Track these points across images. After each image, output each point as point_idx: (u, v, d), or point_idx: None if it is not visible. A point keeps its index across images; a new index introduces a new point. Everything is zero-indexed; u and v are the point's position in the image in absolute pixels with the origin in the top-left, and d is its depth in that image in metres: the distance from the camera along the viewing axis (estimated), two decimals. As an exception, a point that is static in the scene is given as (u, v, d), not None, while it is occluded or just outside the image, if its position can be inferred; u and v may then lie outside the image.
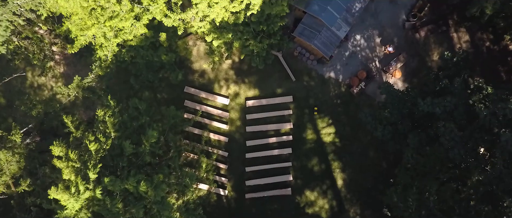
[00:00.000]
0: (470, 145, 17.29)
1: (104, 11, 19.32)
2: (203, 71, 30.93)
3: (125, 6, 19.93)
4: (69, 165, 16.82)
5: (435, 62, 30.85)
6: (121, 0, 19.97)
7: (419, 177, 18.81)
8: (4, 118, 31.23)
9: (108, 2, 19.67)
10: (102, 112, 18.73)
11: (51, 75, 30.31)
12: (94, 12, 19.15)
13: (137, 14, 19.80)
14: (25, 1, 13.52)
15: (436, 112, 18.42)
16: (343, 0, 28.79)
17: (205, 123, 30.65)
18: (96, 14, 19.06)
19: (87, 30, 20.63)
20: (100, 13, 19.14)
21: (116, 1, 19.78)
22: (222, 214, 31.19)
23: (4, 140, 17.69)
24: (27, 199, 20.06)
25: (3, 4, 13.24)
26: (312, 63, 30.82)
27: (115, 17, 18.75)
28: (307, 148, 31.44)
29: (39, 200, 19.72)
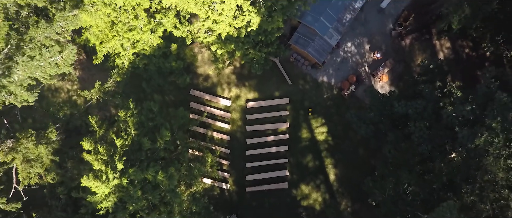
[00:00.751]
0: (436, 141, 20.88)
1: (123, 25, 22.90)
2: (207, 76, 34.55)
3: (142, 20, 23.55)
4: (98, 158, 20.39)
5: (419, 67, 34.48)
6: (139, 15, 23.60)
7: (395, 169, 22.43)
8: (24, 118, 34.80)
9: (127, 18, 23.29)
10: (123, 113, 22.31)
11: (67, 79, 33.98)
12: (115, 26, 22.71)
13: (153, 27, 23.38)
14: (66, 23, 16.90)
15: (409, 113, 22.04)
16: (334, 11, 32.42)
17: (209, 122, 34.26)
18: (117, 28, 22.64)
19: (108, 42, 24.24)
20: (120, 27, 22.71)
21: (134, 17, 23.40)
22: (224, 206, 34.77)
23: (41, 136, 21.21)
24: (58, 189, 23.61)
25: (48, 26, 16.53)
26: (306, 68, 34.45)
27: (133, 30, 22.30)
28: (302, 145, 35.05)
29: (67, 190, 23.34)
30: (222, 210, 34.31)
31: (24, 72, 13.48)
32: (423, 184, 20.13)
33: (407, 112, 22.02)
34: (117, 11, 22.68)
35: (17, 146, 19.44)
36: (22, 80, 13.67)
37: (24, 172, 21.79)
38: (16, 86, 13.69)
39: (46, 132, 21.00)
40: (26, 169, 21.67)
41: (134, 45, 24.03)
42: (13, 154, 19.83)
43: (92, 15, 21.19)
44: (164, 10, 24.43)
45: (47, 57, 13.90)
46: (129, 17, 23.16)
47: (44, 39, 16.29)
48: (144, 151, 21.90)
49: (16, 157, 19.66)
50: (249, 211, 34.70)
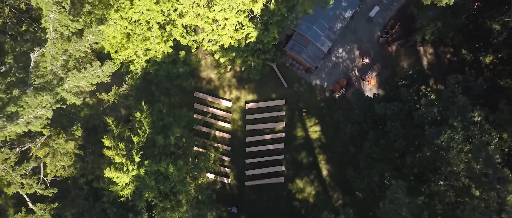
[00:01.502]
0: (409, 138, 24.63)
1: (138, 36, 26.69)
2: (210, 79, 38.38)
3: (154, 32, 27.39)
4: (118, 153, 24.18)
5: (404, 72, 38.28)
6: (152, 27, 27.45)
7: (374, 162, 26.19)
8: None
9: (141, 30, 27.13)
10: (139, 114, 26.11)
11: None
12: (130, 37, 26.50)
13: (165, 38, 27.19)
14: (93, 37, 20.56)
15: (387, 113, 25.82)
16: (326, 20, 36.23)
17: (211, 122, 38.05)
18: (132, 40, 26.43)
19: (124, 50, 28.08)
20: (136, 38, 26.50)
21: (147, 29, 27.25)
22: (225, 199, 38.54)
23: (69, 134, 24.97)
24: (80, 180, 27.44)
25: (79, 40, 20.05)
26: (301, 72, 38.29)
27: (147, 40, 26.07)
28: (297, 143, 38.87)
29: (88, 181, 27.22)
30: (223, 202, 38.04)
31: (73, 82, 17.05)
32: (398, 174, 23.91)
33: (386, 113, 25.83)
34: (132, 24, 26.51)
35: (49, 142, 23.19)
36: (71, 88, 17.29)
37: (52, 165, 25.60)
38: (66, 93, 17.32)
39: (72, 129, 24.75)
40: (54, 162, 25.48)
41: (146, 53, 27.86)
42: (46, 149, 23.59)
43: (111, 28, 24.92)
44: (173, 21, 28.30)
45: (91, 70, 17.47)
46: (143, 29, 27.00)
47: (75, 51, 20.03)
48: (157, 146, 25.74)
49: (49, 152, 23.39)
50: (248, 204, 38.52)
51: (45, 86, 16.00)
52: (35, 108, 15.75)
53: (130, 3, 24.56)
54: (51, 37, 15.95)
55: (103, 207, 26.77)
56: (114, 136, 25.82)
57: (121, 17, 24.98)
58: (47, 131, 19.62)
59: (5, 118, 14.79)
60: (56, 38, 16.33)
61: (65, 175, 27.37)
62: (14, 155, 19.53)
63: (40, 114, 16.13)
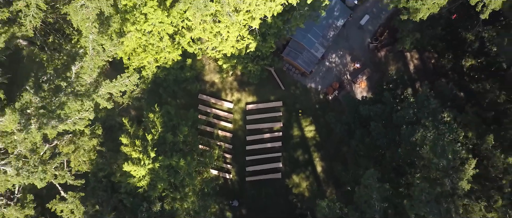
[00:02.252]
0: (389, 136, 28.69)
1: (152, 46, 30.84)
2: (213, 82, 42.54)
3: (165, 42, 31.56)
4: (135, 149, 28.30)
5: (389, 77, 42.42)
6: (162, 38, 31.59)
7: (360, 158, 30.30)
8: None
9: (154, 40, 31.28)
10: (152, 115, 30.23)
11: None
12: (146, 48, 30.66)
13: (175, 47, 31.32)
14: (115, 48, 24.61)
15: (371, 114, 29.91)
16: (320, 29, 40.36)
17: (214, 122, 42.21)
18: (148, 49, 30.58)
19: (138, 57, 32.23)
20: (150, 48, 30.64)
21: (159, 40, 31.40)
22: (227, 193, 42.70)
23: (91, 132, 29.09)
24: (99, 174, 31.56)
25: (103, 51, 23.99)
26: (297, 76, 42.47)
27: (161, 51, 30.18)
28: (293, 142, 43.01)
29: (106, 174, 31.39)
30: (225, 196, 42.23)
31: (105, 90, 20.94)
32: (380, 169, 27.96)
33: (370, 114, 29.94)
34: (146, 35, 30.69)
35: (75, 139, 27.27)
36: (103, 94, 21.22)
37: (76, 160, 29.72)
38: (100, 99, 21.22)
39: (94, 128, 28.87)
40: (77, 157, 29.60)
41: (157, 60, 32.05)
42: (71, 146, 27.66)
43: (129, 40, 29.06)
44: (181, 31, 32.47)
45: (120, 80, 21.34)
46: (155, 39, 31.17)
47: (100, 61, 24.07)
48: (168, 143, 29.89)
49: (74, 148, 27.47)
50: (248, 198, 42.65)
51: (84, 93, 20.04)
52: (80, 111, 19.78)
53: (145, 17, 28.70)
54: (90, 54, 20.02)
55: (119, 198, 30.94)
56: (130, 135, 29.98)
57: (136, 29, 29.09)
58: (88, 130, 23.65)
59: (57, 119, 18.76)
60: (94, 55, 20.39)
61: (86, 169, 31.52)
62: (49, 150, 23.53)
63: (84, 115, 20.14)
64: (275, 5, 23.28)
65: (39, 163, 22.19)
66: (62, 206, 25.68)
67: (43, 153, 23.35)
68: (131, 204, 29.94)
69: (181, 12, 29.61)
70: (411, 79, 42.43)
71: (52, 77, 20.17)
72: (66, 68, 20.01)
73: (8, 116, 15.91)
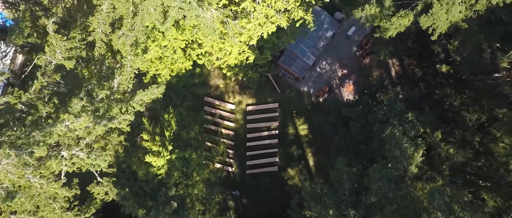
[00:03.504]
0: (365, 134, 35.94)
1: (168, 58, 38.21)
2: (217, 86, 49.91)
3: (178, 54, 38.94)
4: (154, 143, 35.62)
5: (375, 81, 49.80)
6: (176, 51, 38.95)
7: (342, 152, 37.62)
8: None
9: (169, 53, 38.65)
10: (167, 115, 37.54)
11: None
12: (162, 59, 38.05)
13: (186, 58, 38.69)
14: (141, 63, 31.84)
15: (351, 115, 37.18)
16: (311, 39, 47.68)
17: (218, 121, 49.64)
18: (164, 61, 37.99)
19: (154, 67, 39.64)
20: (165, 60, 38.02)
21: (173, 52, 38.77)
22: (230, 184, 50.07)
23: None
24: (122, 165, 38.89)
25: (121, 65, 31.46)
26: (291, 81, 49.85)
27: (175, 62, 37.59)
28: (288, 139, 50.37)
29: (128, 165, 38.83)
30: (228, 186, 49.69)
31: (139, 97, 28.16)
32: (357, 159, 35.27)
33: (350, 115, 37.32)
34: (162, 49, 38.09)
35: (106, 135, 34.54)
36: (138, 101, 28.50)
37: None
38: (136, 104, 28.54)
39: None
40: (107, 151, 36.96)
41: (172, 70, 39.50)
42: (101, 142, 34.91)
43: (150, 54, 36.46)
44: (191, 45, 39.81)
45: (151, 90, 28.63)
46: (170, 52, 38.58)
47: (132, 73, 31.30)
48: (182, 139, 37.27)
49: (106, 143, 34.76)
50: (248, 188, 50.06)
51: (124, 100, 27.27)
52: (123, 113, 27.02)
53: (163, 35, 36.07)
54: (128, 71, 27.27)
55: (140, 185, 38.37)
56: (150, 132, 37.46)
57: (155, 45, 36.47)
58: (128, 128, 30.88)
59: (107, 120, 25.96)
60: (130, 71, 27.64)
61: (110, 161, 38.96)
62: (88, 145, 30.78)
63: (127, 117, 27.32)
64: (270, 28, 30.57)
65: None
66: (98, 189, 33.05)
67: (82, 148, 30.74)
68: (151, 190, 37.36)
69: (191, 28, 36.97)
70: (393, 83, 49.84)
71: (97, 88, 27.45)
72: (107, 80, 27.29)
73: (84, 118, 23.07)
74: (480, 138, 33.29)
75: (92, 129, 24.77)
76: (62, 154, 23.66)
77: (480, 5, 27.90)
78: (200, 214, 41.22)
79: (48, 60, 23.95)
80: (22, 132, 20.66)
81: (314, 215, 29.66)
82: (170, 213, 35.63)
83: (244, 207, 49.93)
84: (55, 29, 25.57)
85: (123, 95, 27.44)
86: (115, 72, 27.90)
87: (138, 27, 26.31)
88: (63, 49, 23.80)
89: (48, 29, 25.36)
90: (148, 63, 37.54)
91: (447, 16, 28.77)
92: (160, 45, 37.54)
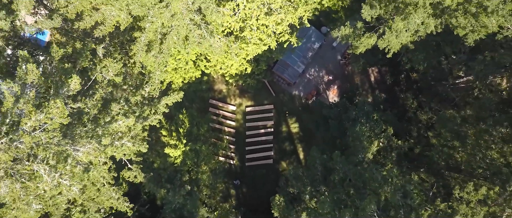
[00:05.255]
0: (340, 130, 47.31)
1: (182, 69, 49.75)
2: (221, 90, 61.37)
3: (189, 65, 50.53)
4: (172, 138, 47.12)
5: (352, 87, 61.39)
6: (187, 62, 50.52)
7: (323, 144, 48.88)
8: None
9: (182, 64, 50.23)
10: (181, 115, 49.02)
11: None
12: (178, 70, 49.60)
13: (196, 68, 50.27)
14: (163, 75, 43.22)
15: (330, 115, 48.50)
16: (301, 51, 59.10)
17: (222, 121, 61.18)
18: (178, 71, 49.52)
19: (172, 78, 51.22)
20: (181, 71, 49.56)
21: (185, 64, 50.33)
22: (231, 174, 61.58)
23: (141, 128, 48.14)
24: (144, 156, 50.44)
25: (150, 78, 42.79)
26: (284, 86, 61.30)
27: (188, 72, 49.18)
28: (282, 136, 61.77)
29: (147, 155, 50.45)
30: (230, 176, 61.21)
31: (164, 101, 39.56)
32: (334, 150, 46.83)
33: (330, 115, 48.73)
34: (177, 61, 49.64)
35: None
36: (162, 104, 39.89)
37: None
38: (162, 107, 39.93)
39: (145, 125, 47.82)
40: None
41: (185, 78, 51.06)
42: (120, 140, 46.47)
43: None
44: (200, 57, 51.38)
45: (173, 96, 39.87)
46: (182, 63, 50.16)
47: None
48: (193, 135, 48.82)
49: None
50: (247, 178, 61.59)
51: (153, 104, 38.65)
52: (154, 114, 38.37)
53: (178, 51, 47.58)
54: (156, 82, 38.72)
55: (159, 172, 49.98)
56: (167, 129, 49.10)
57: (172, 58, 47.97)
58: (159, 124, 42.29)
59: (142, 119, 37.30)
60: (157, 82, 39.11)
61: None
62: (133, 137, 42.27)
63: (157, 117, 38.67)
64: (263, 48, 41.97)
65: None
66: (129, 173, 44.50)
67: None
68: (168, 176, 48.97)
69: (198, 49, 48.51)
70: (372, 88, 61.35)
71: (132, 95, 38.83)
72: (139, 89, 38.72)
73: (131, 119, 34.35)
74: (432, 133, 44.75)
75: (133, 126, 36.18)
76: (115, 143, 34.98)
77: (421, 32, 39.31)
78: (207, 198, 52.94)
79: (103, 77, 35.33)
80: (90, 128, 31.96)
81: (295, 191, 41.11)
82: (184, 194, 47.25)
83: (244, 194, 61.49)
84: (104, 52, 37.09)
85: (152, 100, 38.97)
86: (145, 83, 39.47)
87: (165, 50, 37.83)
88: (114, 69, 35.21)
89: (98, 53, 36.91)
90: (166, 74, 49.09)
91: (398, 40, 40.23)
92: (176, 58, 49.17)
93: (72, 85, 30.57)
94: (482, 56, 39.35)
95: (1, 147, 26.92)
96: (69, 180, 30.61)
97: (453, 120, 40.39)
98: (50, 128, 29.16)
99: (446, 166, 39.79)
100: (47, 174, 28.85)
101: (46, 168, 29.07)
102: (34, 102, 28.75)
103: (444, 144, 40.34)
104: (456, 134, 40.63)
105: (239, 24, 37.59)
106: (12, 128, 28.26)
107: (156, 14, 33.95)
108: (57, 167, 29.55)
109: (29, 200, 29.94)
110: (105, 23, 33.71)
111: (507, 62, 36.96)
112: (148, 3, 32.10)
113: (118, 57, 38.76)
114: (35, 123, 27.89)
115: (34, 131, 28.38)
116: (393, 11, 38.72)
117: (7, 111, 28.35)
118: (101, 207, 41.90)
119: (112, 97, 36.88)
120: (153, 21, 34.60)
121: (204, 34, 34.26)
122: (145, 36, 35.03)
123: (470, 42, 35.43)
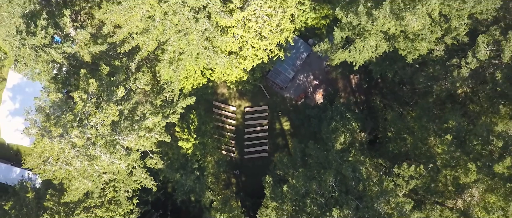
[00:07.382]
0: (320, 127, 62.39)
1: (192, 77, 65.27)
2: (223, 94, 76.85)
3: (197, 74, 66.21)
4: (184, 133, 62.48)
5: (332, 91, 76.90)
6: (196, 72, 66.18)
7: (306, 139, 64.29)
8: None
9: (191, 73, 65.88)
10: (192, 115, 64.39)
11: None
12: (189, 78, 65.09)
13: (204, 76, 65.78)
14: (178, 83, 58.39)
15: (311, 115, 63.73)
16: (291, 60, 74.41)
17: (224, 120, 76.71)
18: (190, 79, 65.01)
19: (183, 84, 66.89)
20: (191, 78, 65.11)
21: (194, 73, 65.99)
22: (232, 165, 76.98)
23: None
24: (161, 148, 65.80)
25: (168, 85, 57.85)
26: (277, 89, 76.77)
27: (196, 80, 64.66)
28: (275, 132, 77.09)
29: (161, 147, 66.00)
30: (231, 167, 76.71)
31: (181, 104, 54.92)
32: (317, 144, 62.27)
33: (311, 114, 64.13)
34: (187, 71, 65.29)
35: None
36: (179, 106, 54.96)
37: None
38: (179, 108, 54.96)
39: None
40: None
41: (193, 84, 66.69)
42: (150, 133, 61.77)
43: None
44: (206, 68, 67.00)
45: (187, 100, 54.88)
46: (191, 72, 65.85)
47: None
48: (201, 131, 64.34)
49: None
50: (246, 168, 77.07)
51: (172, 106, 53.97)
52: (173, 114, 53.65)
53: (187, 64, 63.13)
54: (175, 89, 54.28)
55: (173, 161, 65.72)
56: (179, 126, 64.89)
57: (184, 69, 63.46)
58: (178, 121, 57.84)
59: (165, 117, 52.47)
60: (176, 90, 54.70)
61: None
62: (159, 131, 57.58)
63: (175, 116, 53.97)
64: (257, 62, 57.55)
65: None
66: (151, 161, 59.95)
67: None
68: (180, 164, 64.73)
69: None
70: (353, 91, 76.95)
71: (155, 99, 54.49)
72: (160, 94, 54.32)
73: (158, 118, 49.75)
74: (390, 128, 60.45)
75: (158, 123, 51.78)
76: (147, 135, 50.55)
77: (379, 49, 54.83)
78: (212, 184, 68.83)
79: (136, 86, 50.95)
80: (128, 123, 47.56)
81: (281, 173, 56.72)
82: (194, 179, 63.04)
83: (243, 182, 77.25)
84: (135, 66, 52.82)
85: (171, 103, 54.69)
86: (165, 90, 55.23)
87: (181, 65, 53.51)
88: (144, 80, 50.80)
89: (131, 68, 52.66)
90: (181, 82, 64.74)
91: (361, 56, 55.76)
92: (187, 69, 65.04)
93: (119, 94, 46.22)
94: (426, 69, 54.77)
95: (77, 135, 42.67)
96: (117, 160, 46.39)
97: (404, 118, 55.91)
98: (105, 123, 44.97)
99: (398, 153, 55.27)
100: (105, 155, 44.63)
101: (103, 151, 44.88)
102: (95, 105, 44.48)
103: (395, 137, 55.89)
104: (408, 129, 56.17)
105: (238, 45, 53.28)
106: (81, 123, 44.06)
107: (176, 39, 49.66)
108: (110, 151, 45.37)
109: (91, 174, 45.76)
110: (142, 50, 49.19)
111: (441, 74, 52.35)
112: (171, 34, 47.75)
113: (146, 70, 54.59)
114: (98, 120, 43.66)
115: (96, 125, 44.18)
116: (355, 35, 54.35)
117: (78, 112, 44.14)
118: (128, 188, 57.69)
119: (145, 100, 52.71)
120: (173, 45, 50.28)
121: (212, 56, 49.89)
122: (167, 56, 50.66)
123: (410, 60, 50.96)
